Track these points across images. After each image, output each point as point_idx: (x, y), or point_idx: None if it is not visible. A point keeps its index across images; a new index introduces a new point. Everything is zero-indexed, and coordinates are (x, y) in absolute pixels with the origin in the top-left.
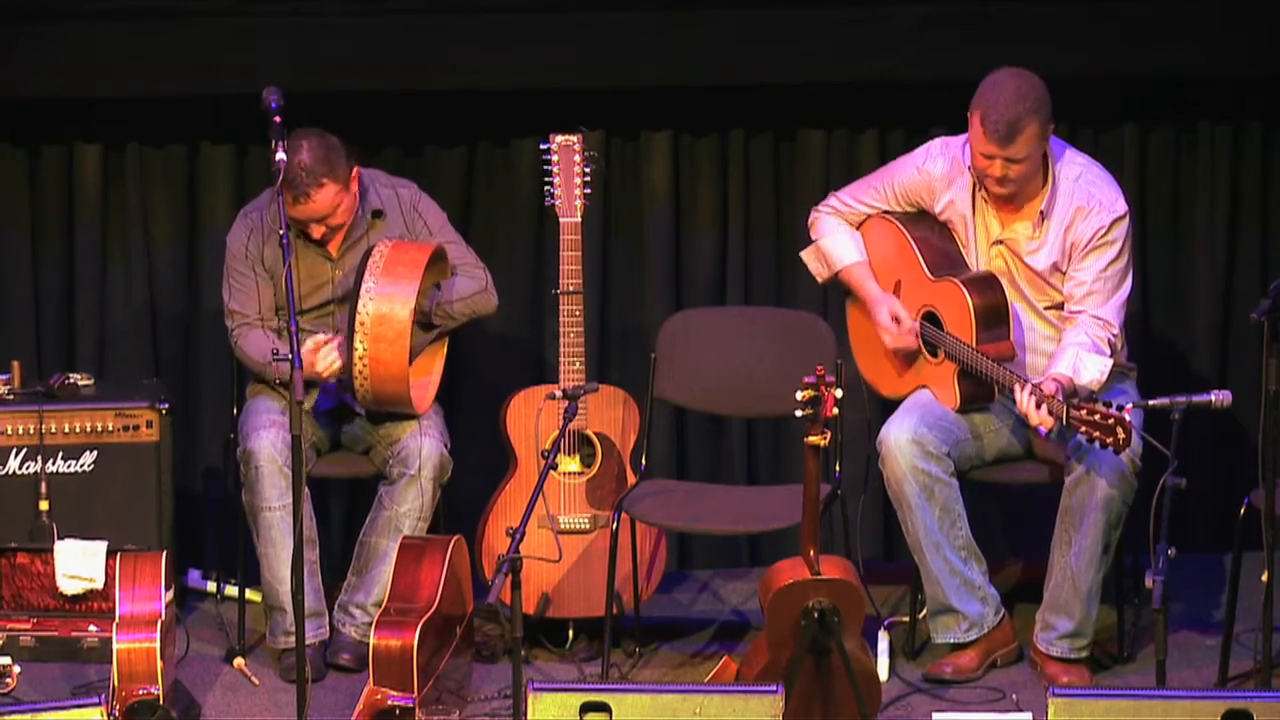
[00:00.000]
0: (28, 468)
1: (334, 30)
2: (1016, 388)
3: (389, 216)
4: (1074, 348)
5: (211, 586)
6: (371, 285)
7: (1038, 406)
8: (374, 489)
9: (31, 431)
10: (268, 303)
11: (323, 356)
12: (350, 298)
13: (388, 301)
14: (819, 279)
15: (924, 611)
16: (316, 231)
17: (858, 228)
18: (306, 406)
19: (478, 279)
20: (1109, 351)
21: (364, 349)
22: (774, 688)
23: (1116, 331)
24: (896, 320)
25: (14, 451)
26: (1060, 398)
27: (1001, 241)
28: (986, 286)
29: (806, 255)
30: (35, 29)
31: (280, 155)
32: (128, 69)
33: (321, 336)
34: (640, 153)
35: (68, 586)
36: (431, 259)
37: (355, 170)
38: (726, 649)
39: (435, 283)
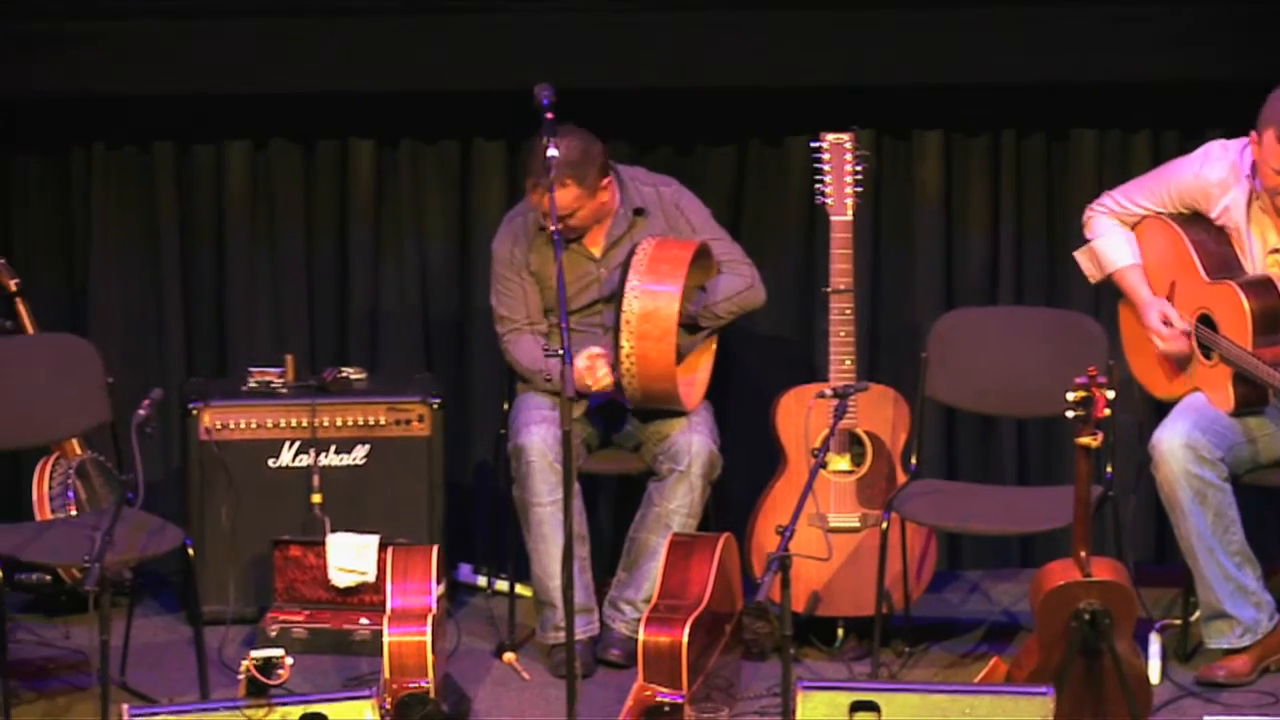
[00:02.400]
0: (301, 461)
1: (604, 27)
2: None
3: (651, 214)
4: None
5: (482, 581)
6: (636, 283)
7: None
8: (644, 485)
9: (305, 425)
10: (535, 306)
11: (591, 373)
12: (616, 295)
13: (652, 299)
14: (1092, 280)
15: (1196, 614)
16: (552, 222)
17: (1132, 228)
18: (577, 411)
19: (743, 275)
20: None
21: (630, 346)
22: (1045, 689)
23: None
24: (1167, 323)
25: (287, 444)
26: None
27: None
28: (1264, 290)
29: (1080, 255)
30: (310, 25)
31: (551, 151)
32: (401, 65)
33: (596, 350)
34: (912, 151)
35: (340, 579)
36: (696, 256)
37: (607, 180)
38: (996, 650)
39: (701, 284)
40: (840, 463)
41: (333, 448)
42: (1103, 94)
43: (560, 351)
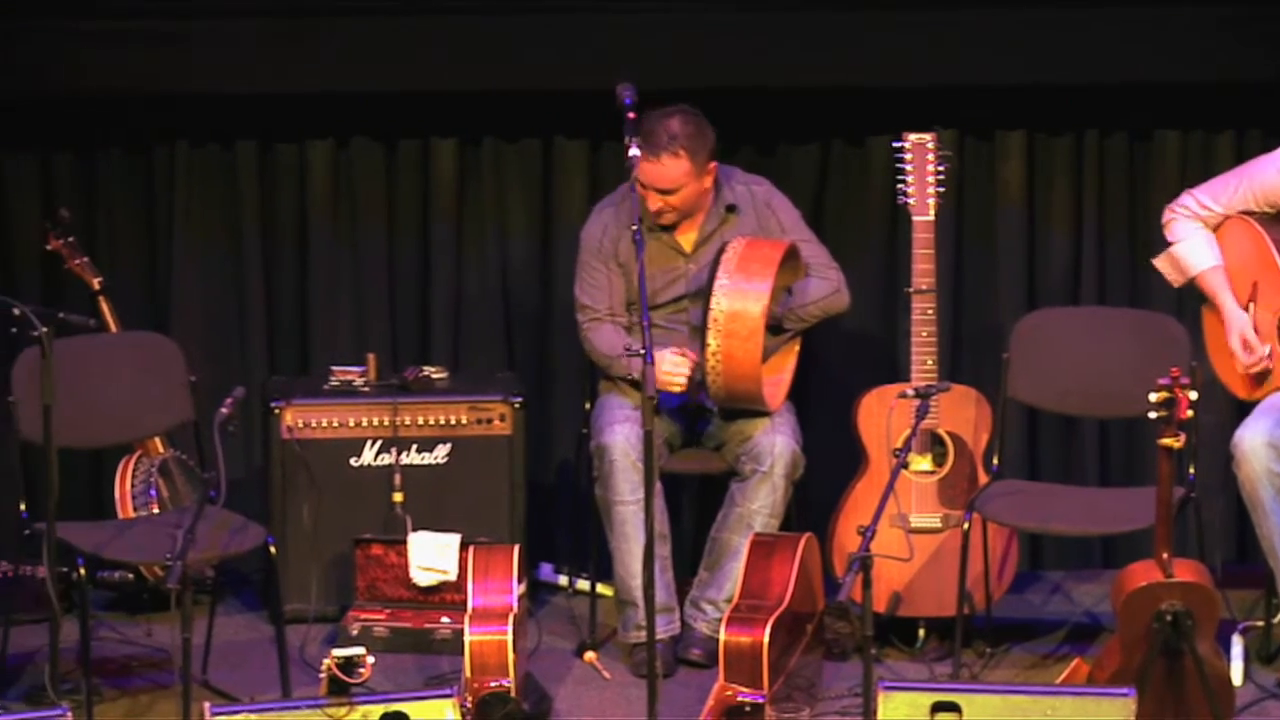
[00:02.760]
0: (382, 460)
1: (687, 27)
2: None
3: (742, 212)
4: None
5: (563, 580)
6: (725, 281)
7: None
8: (726, 485)
9: (386, 424)
10: (619, 297)
11: (669, 370)
12: (703, 293)
13: (741, 298)
14: (1173, 284)
15: (1279, 616)
16: (653, 202)
17: (1214, 229)
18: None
19: (830, 280)
20: None
21: (716, 344)
22: (1126, 691)
23: None
24: (1247, 347)
25: (369, 443)
26: None
27: None
28: None
29: (1160, 262)
30: (395, 25)
31: (634, 151)
32: (483, 64)
33: (672, 351)
34: (994, 151)
35: (421, 578)
36: (785, 256)
37: (713, 165)
38: (1078, 651)
39: (788, 285)
40: (922, 463)
41: (414, 446)
42: (1185, 94)
43: (641, 350)
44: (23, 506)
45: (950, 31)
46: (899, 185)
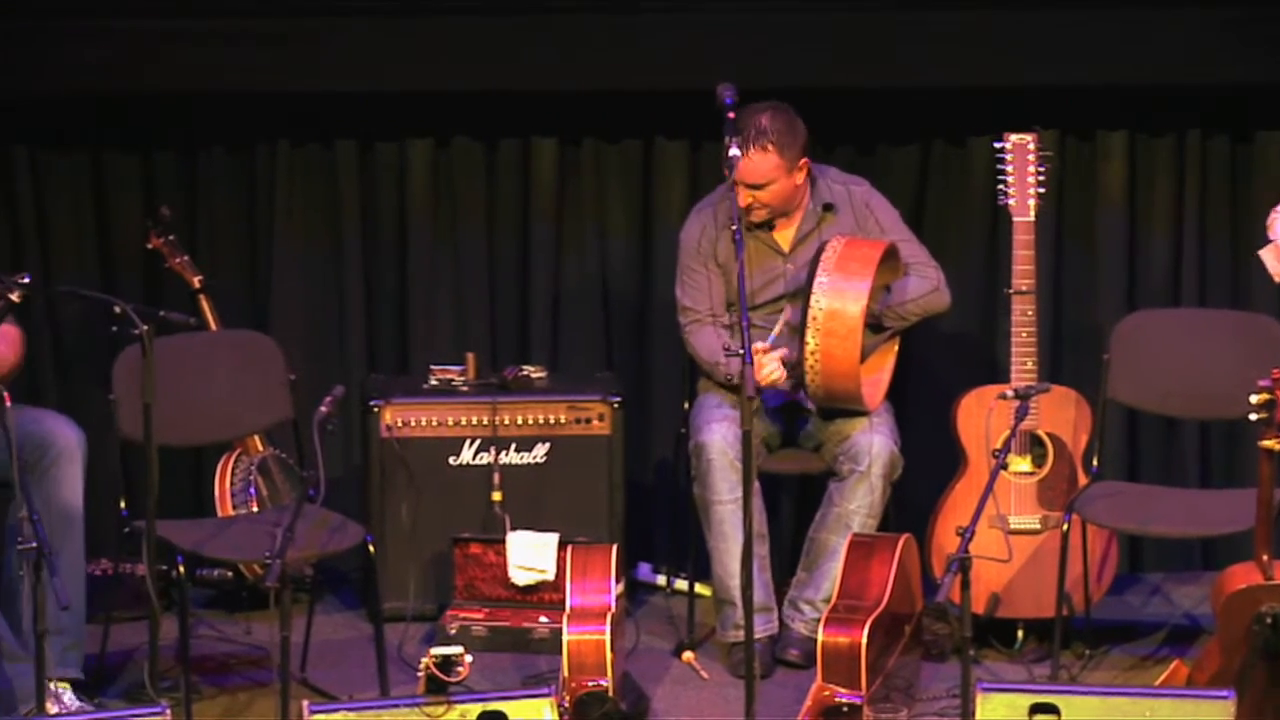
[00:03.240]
0: (481, 459)
1: (785, 27)
2: None
3: (840, 211)
4: None
5: (661, 580)
6: (824, 280)
7: None
8: (824, 485)
9: (485, 423)
10: (719, 298)
11: (764, 364)
12: (802, 292)
13: (840, 297)
14: (1276, 278)
15: None
16: (743, 197)
17: None
18: (756, 404)
19: (930, 279)
20: None
21: (815, 344)
22: (1226, 693)
23: None
24: None
25: (468, 442)
26: None
27: None
28: None
29: (1265, 253)
30: (495, 24)
31: (733, 151)
32: (585, 64)
33: (761, 345)
34: (1095, 152)
35: (519, 577)
36: (884, 256)
37: (804, 162)
38: (1177, 653)
39: (887, 284)
40: (1021, 464)
41: (513, 446)
42: None
43: (740, 351)
44: (123, 504)
45: (1051, 31)
46: (1000, 186)
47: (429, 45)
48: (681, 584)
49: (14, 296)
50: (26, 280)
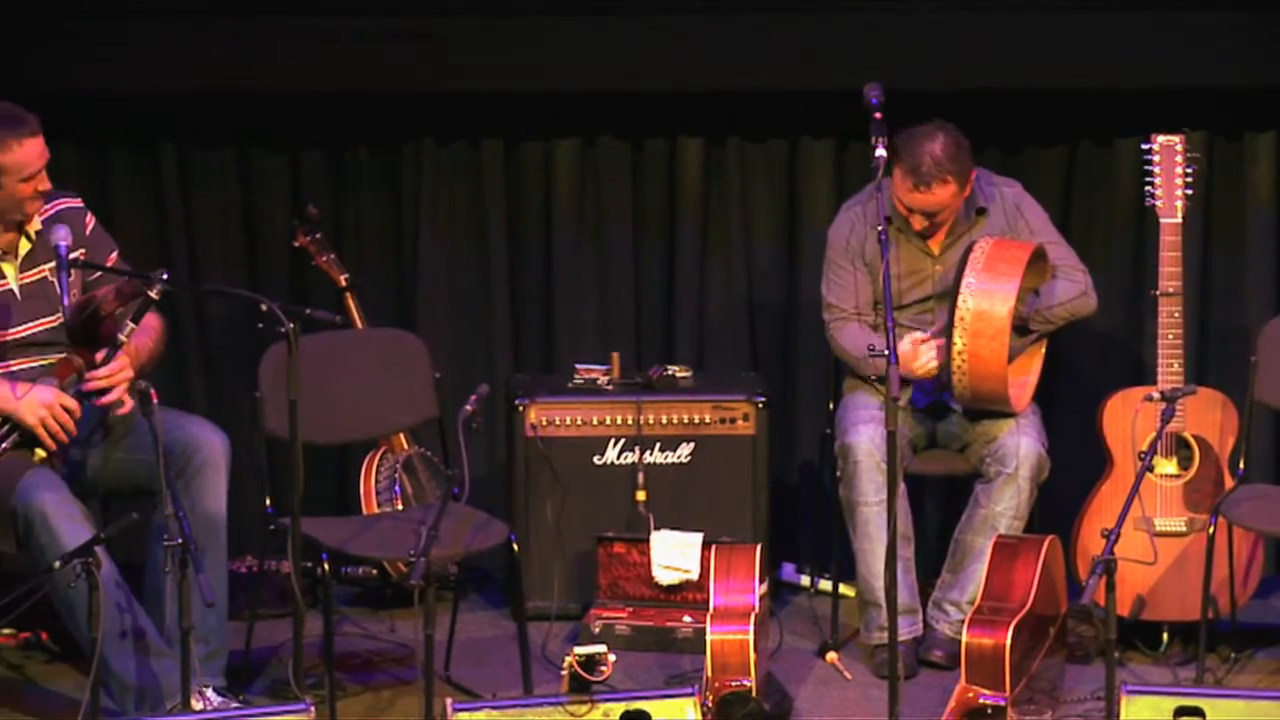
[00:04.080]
0: (626, 458)
1: (935, 27)
2: None
3: (991, 214)
4: None
5: (805, 580)
6: (972, 281)
7: None
8: (970, 486)
9: (630, 422)
10: (865, 297)
11: (920, 354)
12: (949, 294)
13: (988, 298)
14: None
15: None
16: (918, 223)
17: None
18: (902, 403)
19: (1077, 282)
20: None
21: (962, 344)
22: None
23: None
24: None
25: (612, 441)
26: None
27: None
28: None
29: None
30: (642, 24)
31: (880, 151)
32: (730, 64)
33: (920, 334)
34: (1243, 154)
35: (663, 577)
36: (1033, 258)
37: (973, 174)
38: None
39: (1034, 286)
40: (1167, 466)
41: (657, 445)
42: None
43: (886, 352)
44: (268, 502)
45: (1200, 33)
46: (1147, 187)
47: (576, 45)
48: (825, 584)
49: (153, 293)
50: (165, 277)
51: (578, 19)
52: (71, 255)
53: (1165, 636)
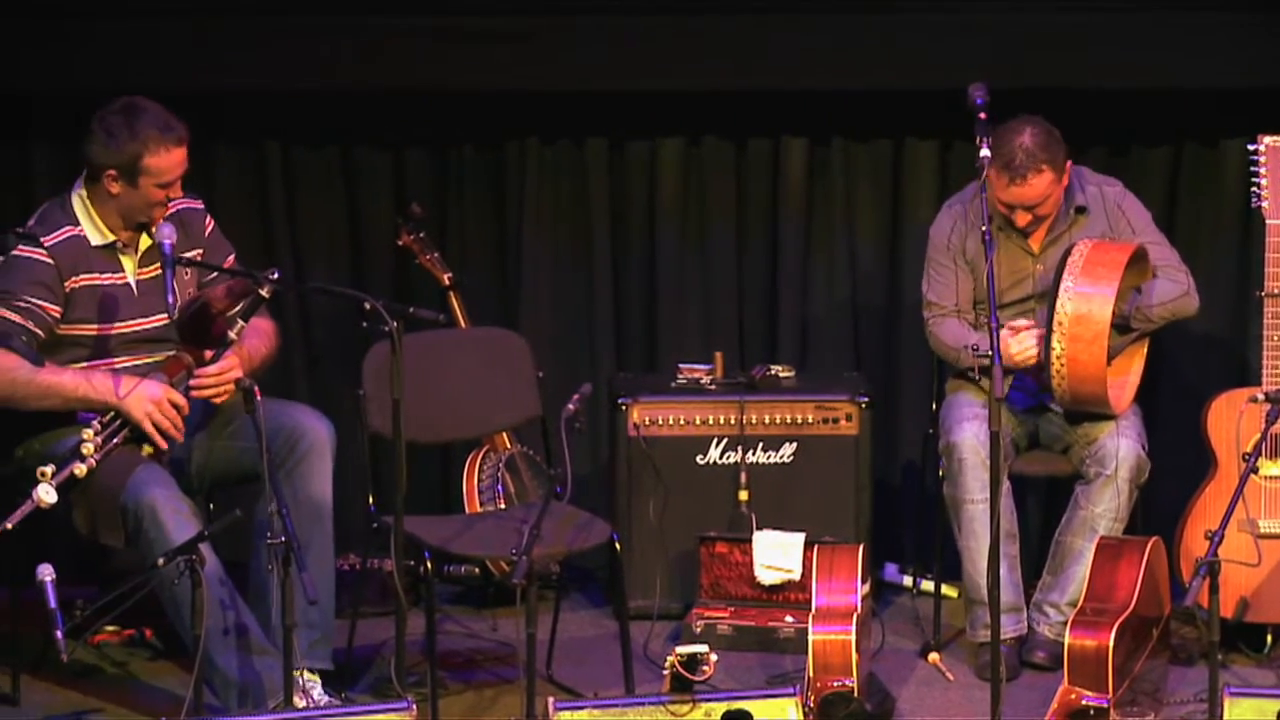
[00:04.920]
0: (728, 458)
1: (1040, 27)
2: None
3: (1092, 213)
4: None
5: (908, 580)
6: (1070, 284)
7: None
8: (1071, 487)
9: (733, 422)
10: (966, 295)
11: (1019, 341)
12: (1049, 295)
13: (1086, 301)
14: None
15: None
16: (1021, 219)
17: None
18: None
19: (1179, 282)
20: None
21: (1061, 348)
22: None
23: None
24: None
25: (715, 441)
26: None
27: None
28: None
29: None
30: (749, 23)
31: (985, 152)
32: (834, 63)
33: (1022, 322)
34: None
35: (765, 577)
36: (1132, 259)
37: (1069, 164)
38: None
39: (1135, 285)
40: (1272, 468)
41: (760, 445)
42: None
43: (988, 352)
44: (371, 500)
45: None
46: (1253, 188)
47: (680, 44)
48: (928, 585)
49: (264, 292)
50: (276, 276)
51: (687, 19)
52: (185, 255)
53: (1269, 638)
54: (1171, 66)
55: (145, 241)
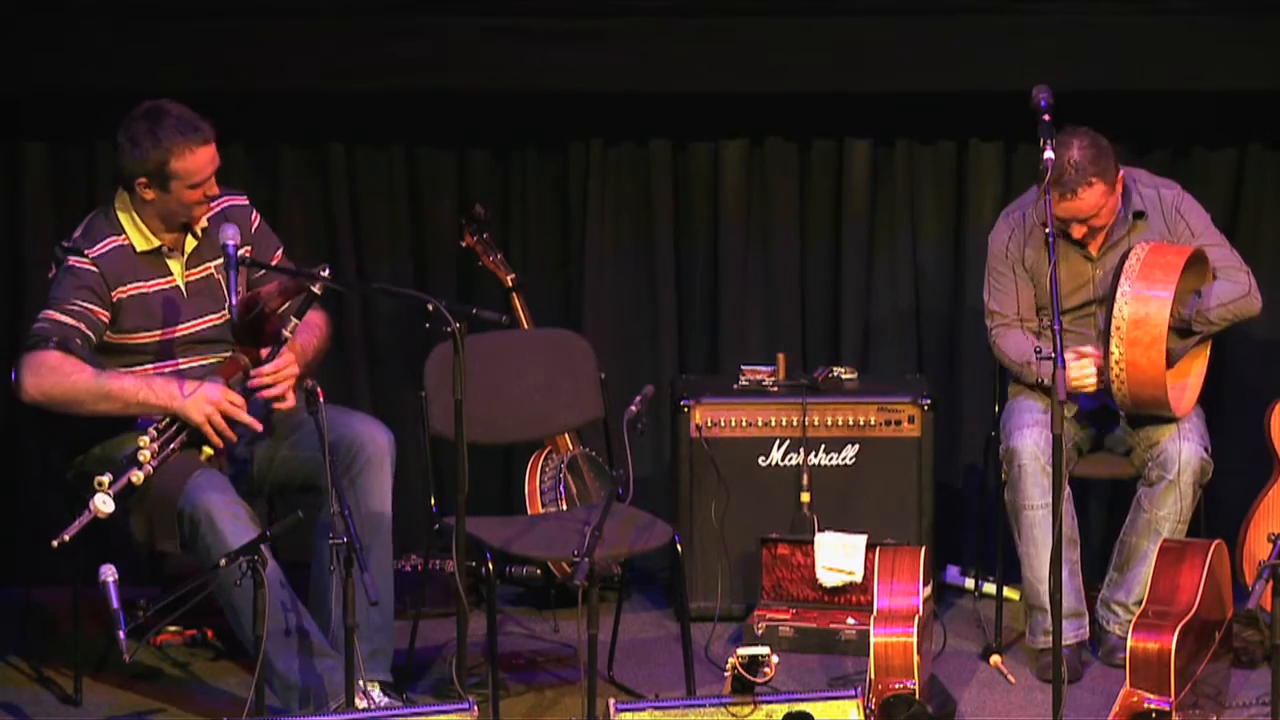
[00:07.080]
0: (790, 459)
1: (1102, 28)
2: None
3: (1150, 217)
4: None
5: (969, 583)
6: (1128, 288)
7: None
8: (1134, 490)
9: (795, 423)
10: (1027, 303)
11: (1079, 367)
12: (1107, 299)
13: (1144, 304)
14: None
15: None
16: (1077, 231)
17: None
18: (1069, 414)
19: (1240, 283)
20: None
21: (1120, 353)
22: None
23: None
24: None
25: (777, 443)
26: None
27: None
28: None
29: None
30: (801, 24)
31: (1048, 154)
32: (898, 65)
33: (1088, 348)
34: None
35: (827, 579)
36: (1189, 262)
37: (1120, 173)
38: None
39: (1196, 288)
40: None
41: (822, 447)
42: None
43: (1052, 355)
44: (432, 501)
45: None
46: None
47: (740, 46)
48: (989, 587)
49: (316, 288)
50: (326, 272)
51: (744, 19)
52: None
53: None
54: (1234, 69)
55: (191, 243)
